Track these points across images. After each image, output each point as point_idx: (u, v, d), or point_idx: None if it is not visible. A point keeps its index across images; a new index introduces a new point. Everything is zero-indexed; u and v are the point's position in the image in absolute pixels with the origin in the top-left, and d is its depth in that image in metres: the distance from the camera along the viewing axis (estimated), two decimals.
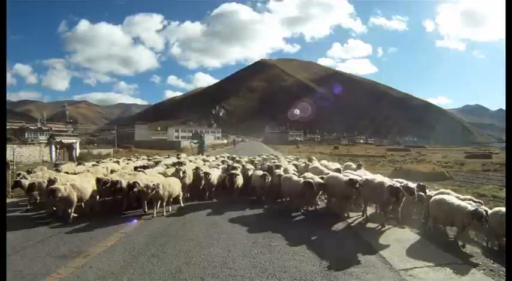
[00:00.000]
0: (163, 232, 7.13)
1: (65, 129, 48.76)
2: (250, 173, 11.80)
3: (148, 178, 9.01)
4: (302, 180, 8.99)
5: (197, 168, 11.13)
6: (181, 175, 9.93)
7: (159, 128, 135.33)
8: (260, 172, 10.89)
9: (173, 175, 10.06)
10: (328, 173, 10.15)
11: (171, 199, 8.97)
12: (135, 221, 8.03)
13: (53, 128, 51.67)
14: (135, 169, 11.79)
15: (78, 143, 40.78)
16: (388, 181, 8.08)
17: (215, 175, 11.07)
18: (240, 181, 10.66)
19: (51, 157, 33.84)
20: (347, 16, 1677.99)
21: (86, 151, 41.65)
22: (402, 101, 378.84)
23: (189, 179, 10.48)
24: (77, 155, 37.14)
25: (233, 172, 10.90)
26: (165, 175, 10.25)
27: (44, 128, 57.09)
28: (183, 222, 8.01)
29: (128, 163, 14.84)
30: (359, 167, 12.41)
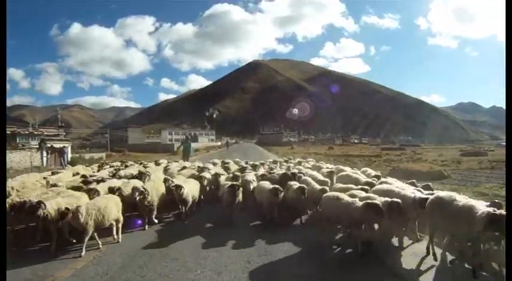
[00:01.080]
0: (143, 250, 6.26)
1: (57, 133, 47.93)
2: (251, 186, 9.10)
3: (60, 201, 6.55)
4: (357, 201, 6.26)
5: (166, 180, 9.19)
6: (136, 196, 7.51)
7: (152, 132, 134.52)
8: (268, 184, 8.70)
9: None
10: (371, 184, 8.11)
11: (119, 225, 6.88)
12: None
13: (45, 133, 50.81)
14: (84, 182, 9.24)
15: (69, 147, 40.12)
16: (480, 205, 5.26)
17: (190, 188, 8.81)
18: (240, 194, 8.49)
19: (42, 162, 33.27)
20: (339, 15, 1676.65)
21: (77, 155, 41.15)
22: (395, 99, 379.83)
23: (156, 194, 8.16)
24: (69, 159, 36.62)
25: (234, 183, 8.66)
26: (120, 191, 7.76)
27: (35, 132, 56.33)
28: (167, 238, 6.96)
29: (93, 172, 12.58)
30: (377, 178, 9.89)
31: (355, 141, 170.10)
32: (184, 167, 13.05)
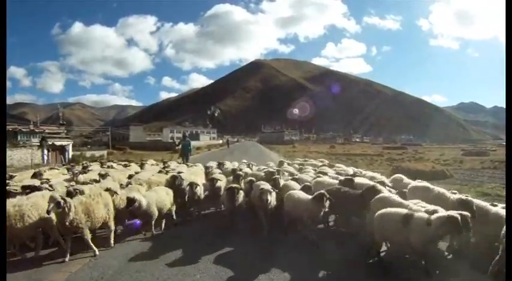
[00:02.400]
0: (141, 254, 5.91)
1: (58, 131, 47.88)
2: (271, 199, 6.86)
3: None
4: None
5: (113, 192, 6.79)
6: (50, 208, 5.11)
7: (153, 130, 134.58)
8: (301, 192, 7.01)
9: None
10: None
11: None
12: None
13: (46, 131, 50.80)
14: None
15: (70, 145, 40.12)
16: None
17: (156, 198, 7.12)
18: (241, 198, 7.41)
19: (42, 159, 33.25)
20: (341, 16, 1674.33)
21: (78, 153, 41.11)
22: (397, 99, 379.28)
23: (86, 212, 5.70)
24: (70, 157, 36.62)
25: (233, 186, 7.39)
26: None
27: (36, 130, 56.37)
28: (165, 243, 6.51)
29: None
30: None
31: (357, 140, 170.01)
32: (160, 171, 10.77)
